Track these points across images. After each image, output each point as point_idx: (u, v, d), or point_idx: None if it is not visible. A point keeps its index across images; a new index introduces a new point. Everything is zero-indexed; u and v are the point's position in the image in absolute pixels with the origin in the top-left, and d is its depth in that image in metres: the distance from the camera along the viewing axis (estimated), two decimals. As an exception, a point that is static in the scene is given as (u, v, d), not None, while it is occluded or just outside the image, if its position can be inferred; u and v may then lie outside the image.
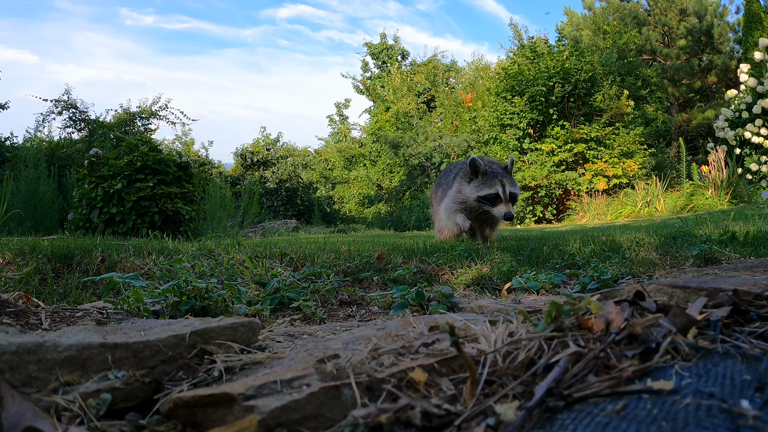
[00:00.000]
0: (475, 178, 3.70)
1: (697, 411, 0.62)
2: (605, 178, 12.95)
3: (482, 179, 3.67)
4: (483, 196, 3.63)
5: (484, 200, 3.62)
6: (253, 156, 20.14)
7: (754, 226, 3.50)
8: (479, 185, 3.66)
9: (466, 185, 3.76)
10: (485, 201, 3.62)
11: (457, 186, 3.87)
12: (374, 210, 18.23)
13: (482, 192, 3.64)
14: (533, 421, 0.66)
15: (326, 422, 0.73)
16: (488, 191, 3.62)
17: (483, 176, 3.68)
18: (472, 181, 3.71)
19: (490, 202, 3.62)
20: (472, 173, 3.70)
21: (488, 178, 3.66)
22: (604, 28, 18.96)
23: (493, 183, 3.62)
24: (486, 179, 3.66)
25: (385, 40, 23.94)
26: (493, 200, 3.60)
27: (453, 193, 3.89)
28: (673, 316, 0.85)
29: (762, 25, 12.78)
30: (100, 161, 5.75)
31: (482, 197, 3.64)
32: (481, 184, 3.65)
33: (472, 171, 3.69)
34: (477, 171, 3.67)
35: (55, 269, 2.43)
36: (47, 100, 12.12)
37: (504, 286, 2.25)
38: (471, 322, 1.03)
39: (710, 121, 16.79)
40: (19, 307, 1.49)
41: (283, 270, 2.49)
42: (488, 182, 3.64)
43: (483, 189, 3.64)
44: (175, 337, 0.97)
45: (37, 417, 0.75)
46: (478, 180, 3.68)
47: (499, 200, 3.60)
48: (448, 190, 4.03)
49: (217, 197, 7.87)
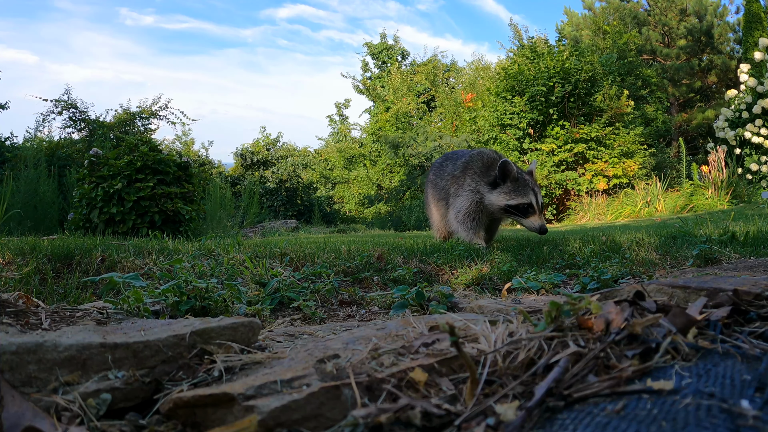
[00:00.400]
0: (501, 184, 3.35)
1: (697, 411, 0.62)
2: (605, 178, 12.95)
3: (513, 186, 3.32)
4: (514, 206, 3.31)
5: (515, 210, 3.32)
6: (253, 156, 20.14)
7: (754, 226, 3.50)
8: (510, 193, 3.32)
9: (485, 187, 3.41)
10: (516, 211, 3.32)
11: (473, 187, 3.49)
12: (374, 210, 18.23)
13: (513, 201, 3.31)
14: (533, 421, 0.66)
15: (326, 422, 0.73)
16: (521, 200, 3.31)
17: (514, 183, 3.33)
18: (499, 186, 3.36)
19: (521, 213, 3.33)
20: (500, 178, 3.34)
21: (519, 185, 3.33)
22: (604, 28, 18.97)
23: (526, 192, 3.31)
24: (518, 186, 3.32)
25: (385, 40, 23.94)
26: (525, 210, 3.32)
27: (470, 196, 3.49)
28: (673, 316, 0.85)
29: (762, 25, 12.78)
30: (100, 161, 5.75)
31: (513, 207, 3.32)
32: (512, 192, 3.32)
33: (501, 175, 3.33)
34: (507, 176, 3.33)
35: (55, 269, 2.43)
36: (47, 100, 12.13)
37: (504, 286, 2.25)
38: (471, 322, 1.03)
39: (710, 121, 16.79)
40: (19, 307, 1.49)
41: (283, 270, 2.49)
42: (520, 190, 3.31)
43: (514, 197, 3.31)
44: (175, 337, 0.97)
45: (37, 417, 0.75)
46: (506, 186, 3.34)
47: (531, 211, 3.32)
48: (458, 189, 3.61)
49: (217, 197, 7.87)
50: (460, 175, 3.62)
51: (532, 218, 3.31)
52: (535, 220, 3.31)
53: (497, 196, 3.36)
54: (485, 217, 3.51)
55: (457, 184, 3.64)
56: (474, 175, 3.51)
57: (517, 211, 3.33)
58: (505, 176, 3.33)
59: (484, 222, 3.55)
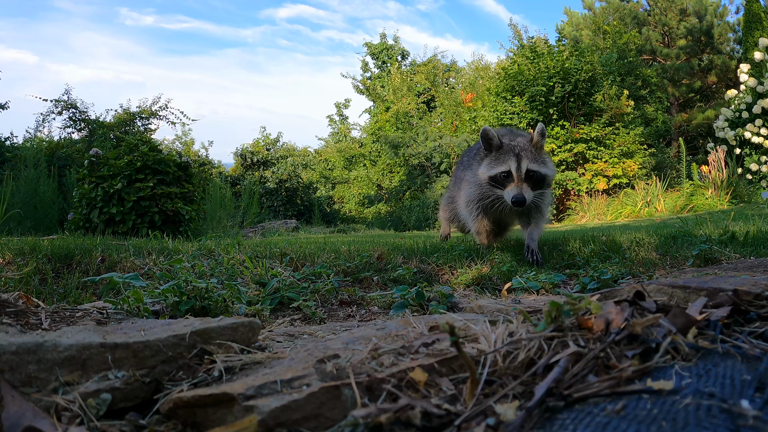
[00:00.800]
0: (488, 154, 2.96)
1: (697, 411, 0.62)
2: (605, 178, 12.95)
3: (495, 155, 2.92)
4: (493, 177, 2.89)
5: (494, 182, 2.90)
6: (253, 156, 20.14)
7: (754, 226, 3.50)
8: (490, 163, 2.92)
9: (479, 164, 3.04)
10: (494, 183, 2.90)
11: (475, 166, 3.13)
12: (374, 210, 18.22)
13: (492, 171, 2.88)
14: (533, 421, 0.66)
15: (326, 422, 0.73)
16: (498, 169, 2.85)
17: (497, 151, 2.92)
18: (485, 158, 2.98)
19: (499, 184, 2.88)
20: (486, 148, 2.97)
21: (502, 152, 2.90)
22: (604, 28, 18.96)
23: (506, 158, 2.85)
24: (499, 154, 2.90)
25: (385, 40, 23.94)
26: (502, 181, 2.86)
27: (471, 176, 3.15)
28: (673, 316, 0.85)
29: (762, 25, 12.78)
30: (100, 161, 5.75)
31: (492, 179, 2.89)
32: (492, 161, 2.91)
33: (484, 145, 2.96)
34: (490, 145, 2.94)
35: (55, 269, 2.43)
36: (47, 100, 12.13)
37: (504, 286, 2.25)
38: (471, 322, 1.02)
39: (710, 121, 16.79)
40: (19, 307, 1.49)
41: (283, 270, 2.49)
42: (500, 158, 2.88)
43: (493, 167, 2.88)
44: (175, 337, 0.97)
45: (37, 417, 0.75)
46: (491, 156, 2.94)
47: (510, 179, 2.83)
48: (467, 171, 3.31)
49: (217, 197, 7.87)
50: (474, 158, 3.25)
51: (509, 188, 2.83)
52: (510, 189, 2.81)
53: (482, 168, 2.97)
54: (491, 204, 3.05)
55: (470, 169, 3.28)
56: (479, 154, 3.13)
57: (496, 183, 2.89)
58: (489, 146, 2.95)
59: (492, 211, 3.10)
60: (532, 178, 2.86)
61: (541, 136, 2.94)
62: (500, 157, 2.89)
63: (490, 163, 2.92)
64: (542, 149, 2.99)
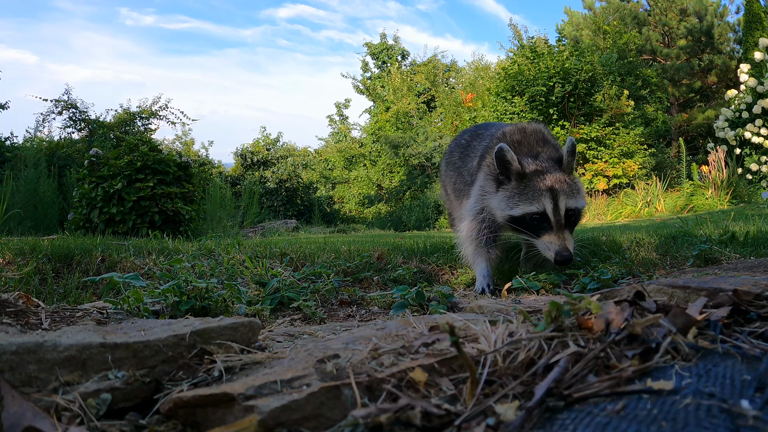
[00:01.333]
0: (506, 181, 2.26)
1: (697, 411, 0.62)
2: (605, 178, 12.95)
3: (518, 185, 2.22)
4: (518, 218, 2.21)
5: (519, 225, 2.22)
6: (253, 156, 20.14)
7: (754, 226, 3.50)
8: (512, 197, 2.22)
9: (491, 187, 2.34)
10: (521, 227, 2.22)
11: (481, 183, 2.43)
12: (374, 210, 18.23)
13: (515, 210, 2.20)
14: (533, 421, 0.66)
15: (326, 422, 0.73)
16: (526, 209, 2.18)
17: (520, 180, 2.22)
18: (502, 185, 2.27)
19: (530, 229, 2.20)
20: (502, 173, 2.25)
21: (528, 184, 2.20)
22: (604, 28, 18.95)
23: (535, 195, 2.17)
24: (525, 187, 2.20)
25: (385, 40, 23.94)
26: (534, 225, 2.19)
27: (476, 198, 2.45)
28: (673, 316, 0.85)
29: (762, 25, 12.78)
30: (100, 161, 5.75)
31: (516, 220, 2.22)
32: (516, 196, 2.21)
33: (501, 170, 2.24)
34: (508, 170, 2.23)
35: (55, 269, 2.43)
36: (47, 100, 12.14)
37: (504, 286, 2.25)
38: (471, 322, 1.03)
39: (710, 121, 16.79)
40: (19, 307, 1.49)
41: (283, 270, 2.49)
42: (527, 193, 2.19)
43: (517, 204, 2.20)
44: (175, 337, 0.97)
45: (37, 417, 0.75)
46: (510, 186, 2.24)
47: (545, 226, 2.17)
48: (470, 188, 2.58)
49: (217, 197, 7.87)
50: (477, 165, 2.56)
51: (546, 237, 2.15)
52: (550, 240, 2.14)
53: (497, 201, 2.28)
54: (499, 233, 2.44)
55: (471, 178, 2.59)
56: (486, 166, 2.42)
57: (523, 227, 2.21)
58: (507, 171, 2.23)
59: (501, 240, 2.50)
60: (571, 218, 2.22)
61: (572, 156, 2.26)
62: (526, 191, 2.20)
63: (510, 198, 2.23)
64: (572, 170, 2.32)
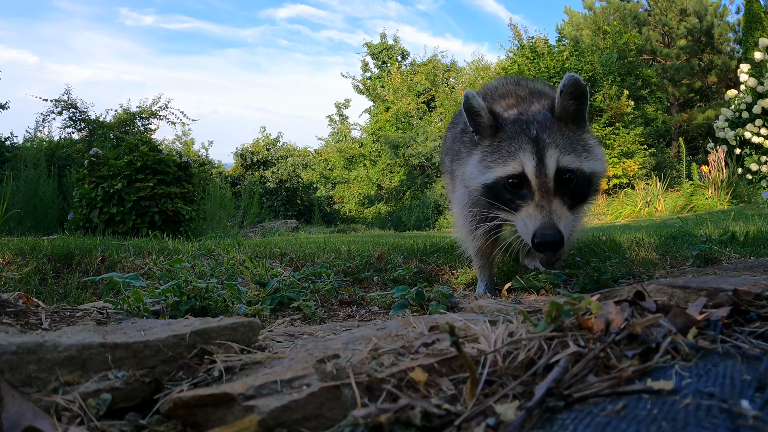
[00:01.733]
0: (481, 141, 1.77)
1: (697, 411, 0.62)
2: (605, 178, 12.95)
3: (491, 141, 1.73)
4: (490, 185, 1.70)
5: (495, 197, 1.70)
6: (253, 156, 20.14)
7: (754, 226, 3.50)
8: (485, 157, 1.73)
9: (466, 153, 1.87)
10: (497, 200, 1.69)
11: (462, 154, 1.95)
12: (374, 210, 18.23)
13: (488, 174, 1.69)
14: (533, 421, 0.66)
15: (326, 422, 0.73)
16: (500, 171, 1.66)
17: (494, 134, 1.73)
18: (476, 147, 1.79)
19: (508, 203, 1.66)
20: (473, 128, 1.77)
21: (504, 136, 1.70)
22: (604, 28, 18.94)
23: (512, 150, 1.65)
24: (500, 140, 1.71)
25: (385, 40, 23.93)
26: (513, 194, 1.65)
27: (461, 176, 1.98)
28: (673, 316, 0.85)
29: (762, 25, 12.78)
30: (100, 161, 5.76)
31: (489, 188, 1.71)
32: (489, 155, 1.72)
33: (471, 124, 1.77)
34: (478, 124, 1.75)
35: (55, 269, 2.43)
36: (47, 100, 12.14)
37: (504, 286, 2.25)
38: (471, 322, 1.02)
39: (710, 121, 16.78)
40: (19, 307, 1.49)
41: (283, 270, 2.49)
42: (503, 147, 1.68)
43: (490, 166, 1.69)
44: (175, 337, 0.97)
45: (37, 417, 0.75)
46: (484, 144, 1.75)
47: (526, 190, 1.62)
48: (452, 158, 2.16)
49: (217, 197, 7.88)
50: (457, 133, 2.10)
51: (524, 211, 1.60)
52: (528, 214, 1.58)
53: (471, 169, 1.79)
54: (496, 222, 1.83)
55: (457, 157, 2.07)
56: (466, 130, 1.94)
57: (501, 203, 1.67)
58: (477, 125, 1.75)
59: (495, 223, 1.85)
60: (569, 184, 1.63)
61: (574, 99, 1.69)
62: (501, 147, 1.68)
63: (482, 160, 1.73)
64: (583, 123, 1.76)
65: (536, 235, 1.54)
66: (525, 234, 1.61)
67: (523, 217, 1.60)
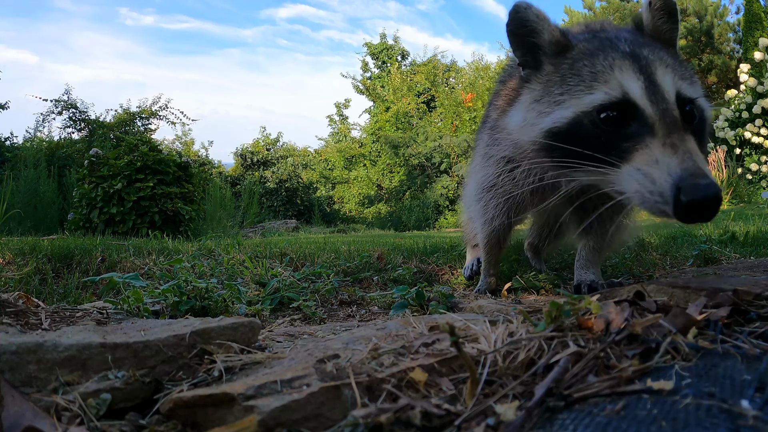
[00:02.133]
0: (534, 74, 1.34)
1: (697, 411, 0.62)
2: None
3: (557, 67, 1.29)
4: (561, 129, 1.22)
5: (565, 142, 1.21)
6: (253, 156, 20.14)
7: (754, 226, 3.50)
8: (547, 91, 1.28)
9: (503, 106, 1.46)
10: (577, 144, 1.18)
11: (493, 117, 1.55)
12: (374, 210, 18.23)
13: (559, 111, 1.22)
14: (533, 421, 0.66)
15: (326, 422, 0.73)
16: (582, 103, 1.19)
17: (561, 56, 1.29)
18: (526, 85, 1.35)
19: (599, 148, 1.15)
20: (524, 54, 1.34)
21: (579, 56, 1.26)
22: (604, 28, 18.94)
23: (605, 66, 1.19)
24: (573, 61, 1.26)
25: (385, 40, 23.92)
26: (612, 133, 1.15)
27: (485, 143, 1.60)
28: (673, 316, 0.85)
29: (762, 25, 12.78)
30: (100, 161, 5.76)
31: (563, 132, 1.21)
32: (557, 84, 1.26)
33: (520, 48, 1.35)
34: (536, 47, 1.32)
35: (55, 269, 2.43)
36: (47, 100, 12.14)
37: (504, 286, 2.24)
38: (471, 322, 1.02)
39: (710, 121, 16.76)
40: (19, 307, 1.49)
41: (283, 270, 2.49)
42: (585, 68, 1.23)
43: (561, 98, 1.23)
44: (175, 337, 0.97)
45: (37, 417, 0.75)
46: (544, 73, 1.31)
47: (638, 124, 1.13)
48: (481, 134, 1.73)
49: (217, 197, 7.88)
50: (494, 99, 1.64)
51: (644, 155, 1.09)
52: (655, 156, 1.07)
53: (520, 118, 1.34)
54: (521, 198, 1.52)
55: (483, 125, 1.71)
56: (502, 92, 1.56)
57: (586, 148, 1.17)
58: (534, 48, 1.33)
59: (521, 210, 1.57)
60: (694, 119, 1.22)
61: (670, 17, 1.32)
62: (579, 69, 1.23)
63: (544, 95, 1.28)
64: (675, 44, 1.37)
65: (684, 191, 0.98)
66: (651, 193, 1.06)
67: (642, 166, 1.05)
